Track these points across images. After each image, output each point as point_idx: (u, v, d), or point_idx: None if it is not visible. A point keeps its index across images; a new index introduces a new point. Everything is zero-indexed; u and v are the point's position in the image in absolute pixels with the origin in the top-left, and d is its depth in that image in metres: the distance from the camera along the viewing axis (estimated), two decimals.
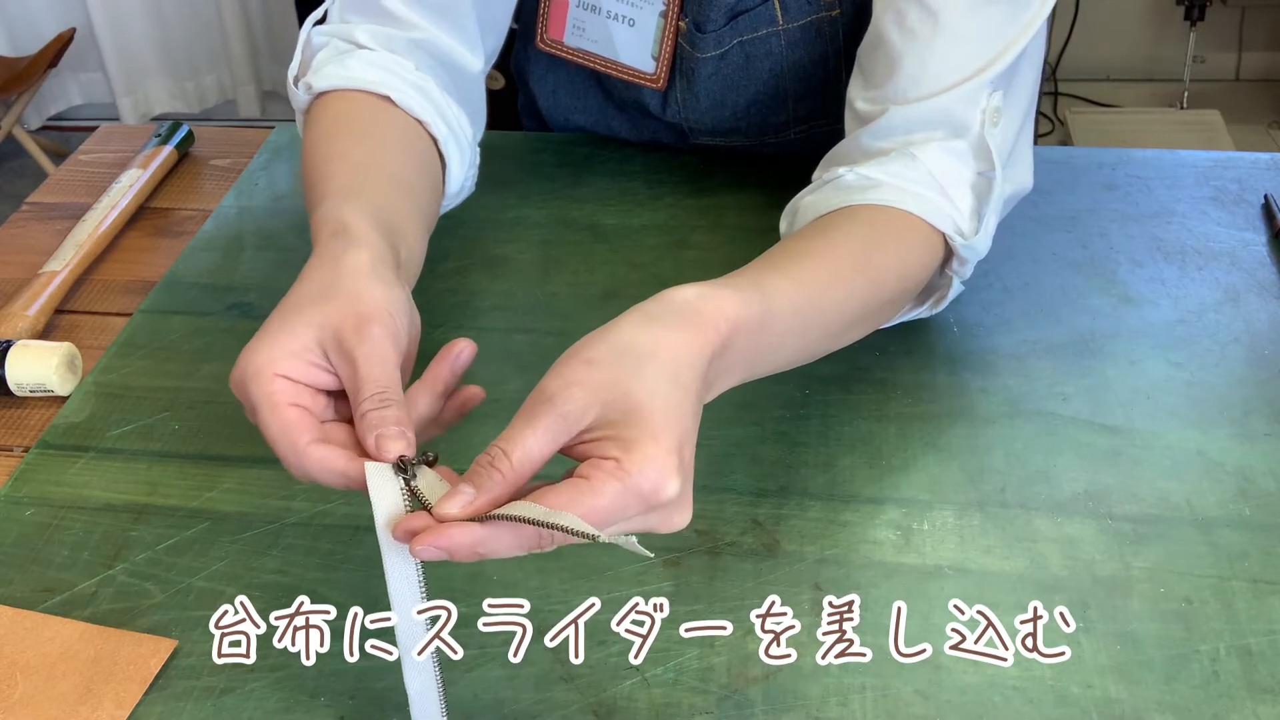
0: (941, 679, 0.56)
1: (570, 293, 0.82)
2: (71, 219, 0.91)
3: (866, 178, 0.69)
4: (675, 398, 0.50)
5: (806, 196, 0.72)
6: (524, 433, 0.48)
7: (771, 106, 0.88)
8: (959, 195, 0.69)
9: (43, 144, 2.85)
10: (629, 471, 0.47)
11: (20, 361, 0.73)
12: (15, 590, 0.61)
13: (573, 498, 0.46)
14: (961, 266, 0.71)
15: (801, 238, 0.67)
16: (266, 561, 0.63)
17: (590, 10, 0.86)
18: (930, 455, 0.68)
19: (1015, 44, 0.69)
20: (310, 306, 0.53)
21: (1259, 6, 2.84)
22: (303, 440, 0.50)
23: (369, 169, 0.67)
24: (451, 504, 0.47)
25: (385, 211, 0.62)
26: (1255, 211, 0.89)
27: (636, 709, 0.55)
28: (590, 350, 0.51)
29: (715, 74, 0.87)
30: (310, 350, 0.52)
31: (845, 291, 0.64)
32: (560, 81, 0.95)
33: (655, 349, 0.51)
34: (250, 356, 0.52)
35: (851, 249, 0.65)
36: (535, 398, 0.49)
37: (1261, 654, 0.57)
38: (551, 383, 0.49)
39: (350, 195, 0.62)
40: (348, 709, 0.55)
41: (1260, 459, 0.67)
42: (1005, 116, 0.71)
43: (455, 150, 0.76)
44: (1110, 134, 2.73)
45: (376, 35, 0.75)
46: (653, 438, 0.48)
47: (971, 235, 0.69)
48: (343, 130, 0.71)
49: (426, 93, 0.75)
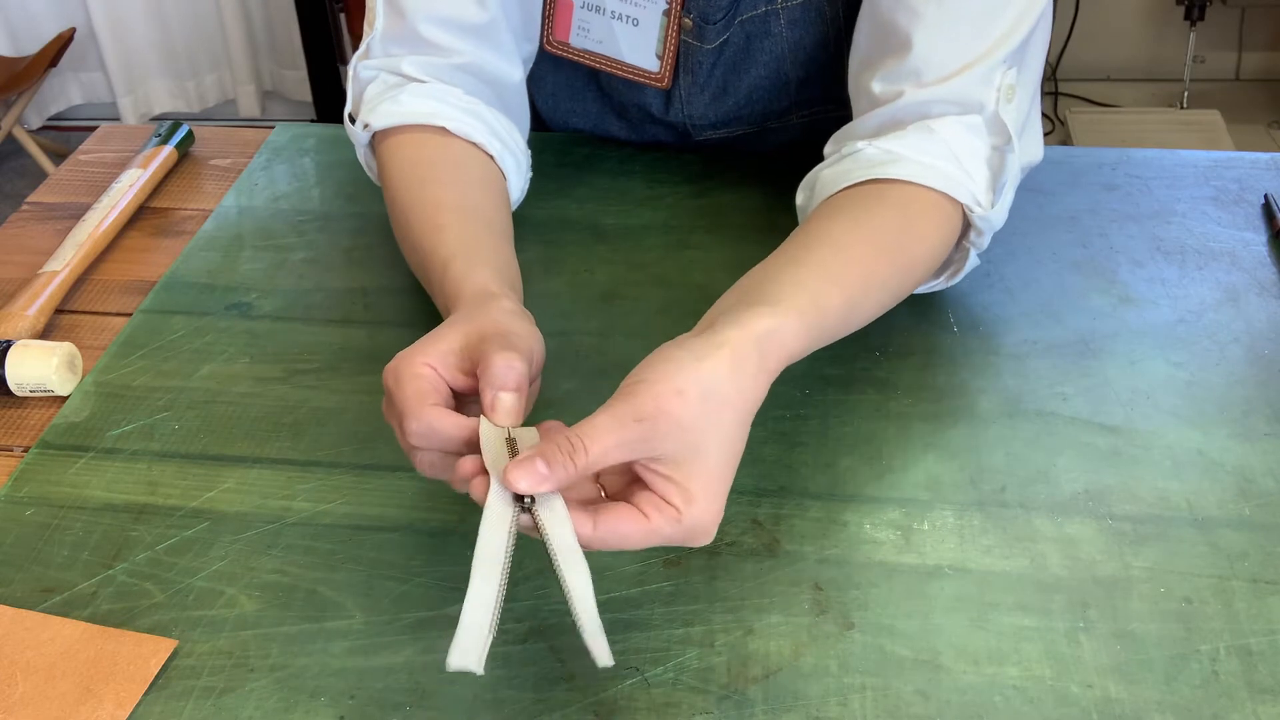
0: (941, 679, 0.56)
1: (570, 293, 0.82)
2: (71, 219, 0.91)
3: (887, 151, 0.70)
4: (738, 446, 0.55)
5: (825, 170, 0.73)
6: (607, 437, 0.51)
7: (774, 92, 0.89)
8: (975, 168, 0.70)
9: (43, 144, 2.85)
10: (685, 522, 0.52)
11: (20, 361, 0.73)
12: (15, 590, 0.61)
13: (632, 527, 0.51)
14: (979, 238, 0.73)
15: (838, 221, 0.68)
16: (266, 561, 0.63)
17: (594, 11, 0.86)
18: (930, 455, 0.68)
19: (1025, 18, 0.70)
20: (461, 323, 0.60)
21: (1259, 6, 2.84)
22: (427, 401, 0.55)
23: (471, 218, 0.73)
24: (521, 476, 0.50)
25: (505, 266, 0.70)
26: (1255, 211, 0.89)
27: (636, 709, 0.55)
28: (682, 380, 0.53)
29: (717, 63, 0.87)
30: (454, 352, 0.58)
31: (880, 288, 0.67)
32: (559, 84, 0.95)
33: (736, 399, 0.54)
34: (405, 352, 0.58)
35: (886, 242, 0.67)
36: (626, 408, 0.52)
37: (1261, 654, 0.57)
38: (645, 402, 0.52)
39: (475, 257, 0.68)
40: (348, 709, 0.55)
41: (1260, 459, 0.67)
42: (1019, 91, 0.72)
43: (512, 163, 0.81)
44: (1110, 134, 2.74)
45: (422, 65, 0.80)
46: (715, 493, 0.53)
47: (989, 207, 0.71)
48: (425, 175, 0.76)
49: (478, 115, 0.80)
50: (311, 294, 0.82)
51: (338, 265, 0.85)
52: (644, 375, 0.53)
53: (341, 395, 0.73)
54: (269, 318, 0.80)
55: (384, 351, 0.76)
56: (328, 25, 2.85)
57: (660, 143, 0.96)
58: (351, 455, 0.69)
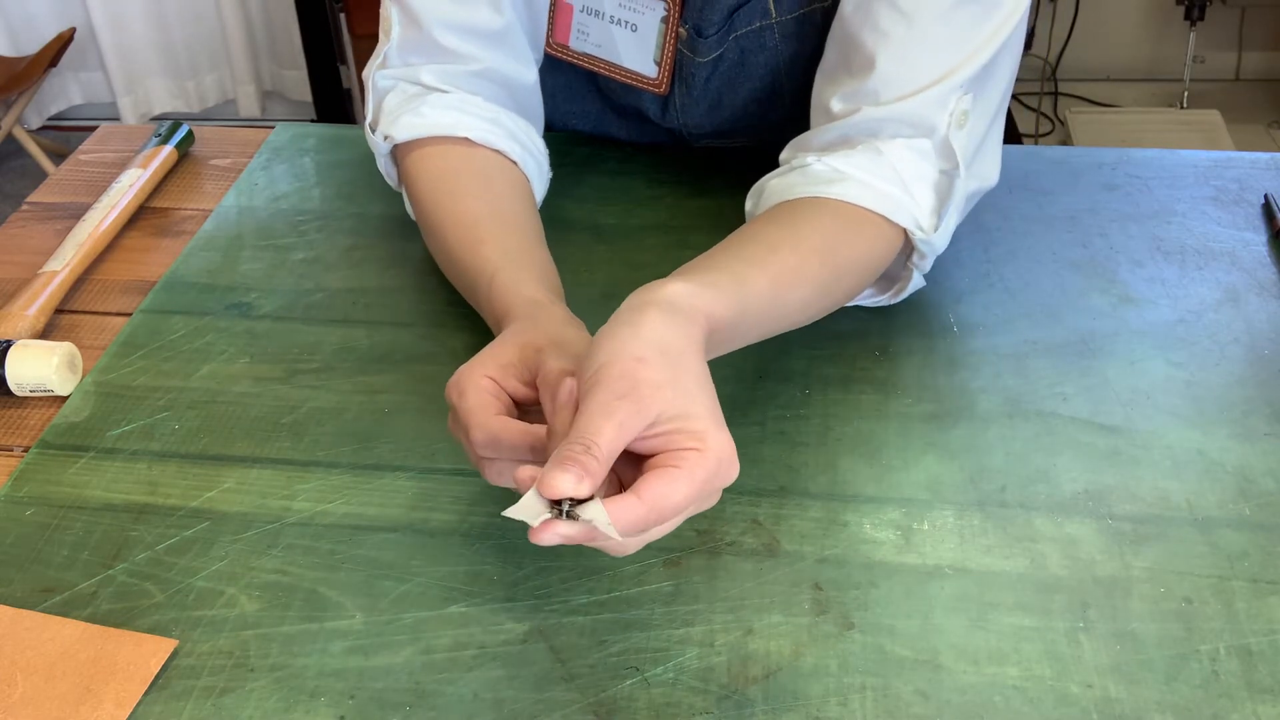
0: (941, 679, 0.56)
1: (570, 293, 0.82)
2: (71, 219, 0.91)
3: (834, 169, 0.71)
4: (709, 379, 0.55)
5: (773, 179, 0.75)
6: (604, 425, 0.51)
7: (769, 104, 0.89)
8: (920, 192, 0.71)
9: (43, 144, 2.85)
10: (709, 453, 0.52)
11: (20, 361, 0.73)
12: (15, 590, 0.61)
13: (672, 484, 0.51)
14: (921, 260, 0.74)
15: (772, 224, 0.70)
16: (266, 561, 0.63)
17: (593, 15, 0.86)
18: (930, 455, 0.68)
19: (986, 47, 0.71)
20: (517, 335, 0.62)
21: (1259, 6, 2.84)
22: (490, 411, 0.57)
23: (508, 228, 0.74)
24: (558, 478, 0.49)
25: (547, 272, 0.71)
26: (1255, 211, 0.89)
27: (636, 709, 0.55)
28: (635, 348, 0.53)
29: (712, 75, 0.87)
30: (513, 364, 0.59)
31: (810, 285, 0.67)
32: (558, 86, 0.95)
33: (684, 341, 0.55)
34: (465, 366, 0.59)
35: (816, 244, 0.68)
36: (604, 395, 0.52)
37: (1261, 654, 0.57)
38: (616, 382, 0.52)
39: (519, 267, 0.70)
40: (348, 709, 0.55)
41: (1260, 459, 0.67)
42: (974, 117, 0.72)
43: (534, 166, 0.82)
44: (1110, 134, 2.74)
45: (441, 74, 0.80)
46: (719, 421, 0.53)
47: (931, 231, 0.72)
48: (454, 188, 0.77)
49: (498, 122, 0.80)
50: (311, 294, 0.82)
51: (338, 265, 0.85)
52: (598, 362, 0.53)
53: (341, 395, 0.73)
54: (269, 318, 0.80)
55: (384, 351, 0.77)
56: (328, 25, 2.85)
57: (660, 143, 0.96)
58: (351, 455, 0.69)
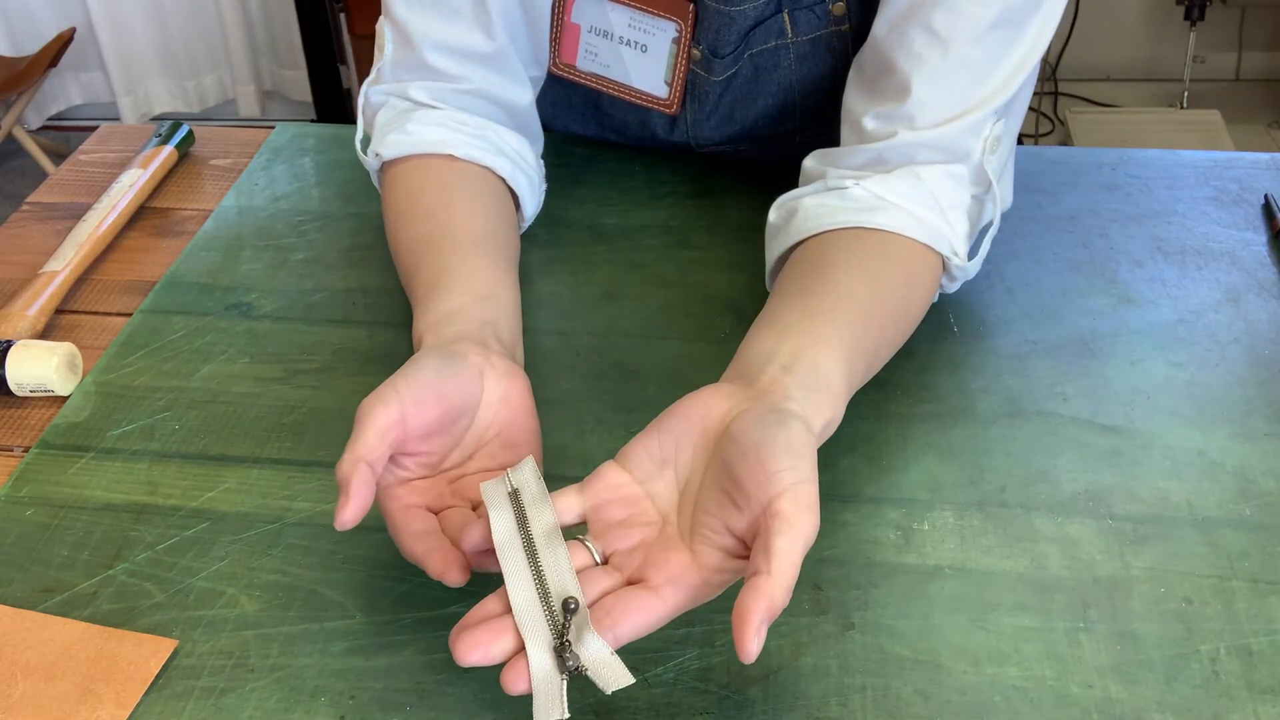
0: (941, 679, 0.56)
1: (570, 293, 0.82)
2: (71, 219, 0.91)
3: (876, 195, 0.70)
4: None
5: (809, 197, 0.73)
6: (784, 556, 0.50)
7: (779, 118, 0.88)
8: (956, 219, 0.72)
9: (43, 144, 2.85)
10: None
11: (20, 361, 0.73)
12: (15, 590, 0.61)
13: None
14: (950, 284, 0.74)
15: (857, 285, 0.67)
16: (266, 561, 0.63)
17: (603, 36, 0.86)
18: (930, 455, 0.68)
19: (1020, 71, 0.71)
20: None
21: (1259, 6, 2.84)
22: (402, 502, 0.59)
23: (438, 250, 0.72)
24: (755, 646, 0.48)
25: (453, 295, 0.68)
26: (1255, 211, 0.89)
27: (636, 709, 0.55)
28: (781, 460, 0.53)
29: (725, 92, 0.87)
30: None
31: (889, 350, 0.69)
32: (558, 98, 0.95)
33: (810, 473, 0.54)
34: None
35: (895, 304, 0.69)
36: (779, 520, 0.51)
37: (1261, 654, 0.57)
38: (787, 507, 0.51)
39: (428, 303, 0.68)
40: (348, 709, 0.55)
41: (1260, 459, 0.67)
42: (1004, 141, 0.73)
43: (524, 181, 0.82)
44: (1110, 134, 2.74)
45: (431, 90, 0.80)
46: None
47: (965, 259, 0.72)
48: (405, 211, 0.76)
49: (487, 138, 0.80)
50: (311, 294, 0.82)
51: (338, 265, 0.85)
52: (764, 471, 0.52)
53: (341, 395, 0.73)
54: (269, 318, 0.80)
55: (384, 351, 0.77)
56: (328, 25, 2.85)
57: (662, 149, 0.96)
58: None
